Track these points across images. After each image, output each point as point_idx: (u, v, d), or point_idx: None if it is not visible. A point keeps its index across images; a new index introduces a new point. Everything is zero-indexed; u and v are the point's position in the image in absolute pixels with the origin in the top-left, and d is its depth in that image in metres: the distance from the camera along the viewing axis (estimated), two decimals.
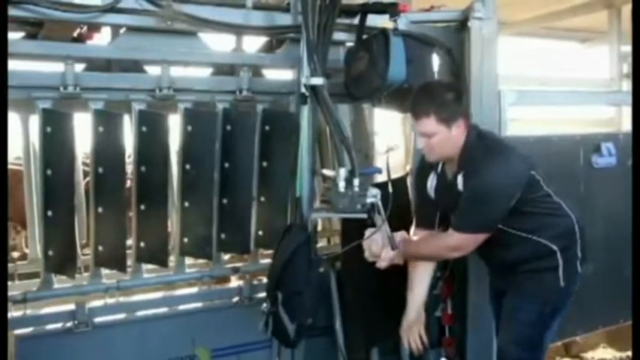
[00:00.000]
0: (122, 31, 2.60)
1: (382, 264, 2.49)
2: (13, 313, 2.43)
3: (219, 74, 2.89)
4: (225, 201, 2.70)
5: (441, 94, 2.36)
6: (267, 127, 2.73)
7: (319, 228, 3.48)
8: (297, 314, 2.40)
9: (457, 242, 2.37)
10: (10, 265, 2.71)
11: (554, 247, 2.46)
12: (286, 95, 2.81)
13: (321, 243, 3.49)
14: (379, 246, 2.46)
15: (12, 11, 2.18)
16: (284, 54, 2.86)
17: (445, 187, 2.48)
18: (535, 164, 2.44)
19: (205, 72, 2.98)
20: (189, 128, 2.61)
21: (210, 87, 2.71)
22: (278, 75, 3.12)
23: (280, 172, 2.71)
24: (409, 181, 3.11)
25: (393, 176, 2.63)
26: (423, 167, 2.59)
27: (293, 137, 2.58)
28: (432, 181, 2.55)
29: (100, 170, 2.48)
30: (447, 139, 2.33)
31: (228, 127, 2.67)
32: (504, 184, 2.30)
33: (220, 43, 2.97)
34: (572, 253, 2.52)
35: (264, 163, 2.75)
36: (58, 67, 2.45)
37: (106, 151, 2.49)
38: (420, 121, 2.33)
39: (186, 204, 2.63)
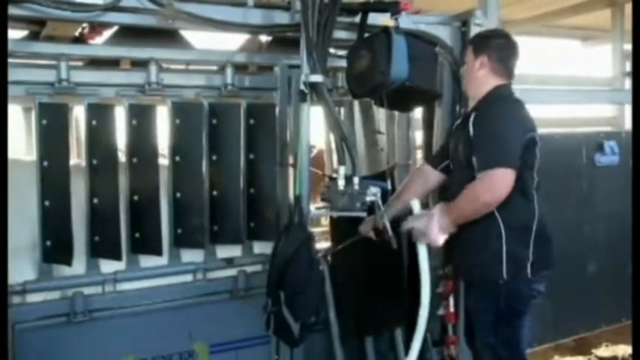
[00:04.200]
0: (113, 30, 2.65)
1: (434, 238, 2.44)
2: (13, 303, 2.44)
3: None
4: (215, 193, 2.76)
5: (489, 31, 2.72)
6: (251, 121, 2.80)
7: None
8: (300, 313, 2.39)
9: (487, 181, 2.32)
10: None
11: (503, 229, 2.40)
12: (270, 91, 2.86)
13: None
14: (423, 224, 2.44)
15: (13, 10, 2.20)
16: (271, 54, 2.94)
17: (461, 127, 2.58)
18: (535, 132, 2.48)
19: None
20: (177, 121, 2.68)
21: (196, 83, 2.79)
22: None
23: (266, 164, 2.80)
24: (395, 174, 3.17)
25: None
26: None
27: (274, 128, 2.69)
28: (459, 120, 2.72)
29: (95, 162, 2.54)
30: (470, 70, 2.56)
31: (214, 121, 2.74)
32: (512, 120, 2.42)
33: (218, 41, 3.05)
34: (521, 249, 2.44)
35: (251, 156, 2.80)
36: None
37: (100, 142, 2.55)
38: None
39: (178, 195, 2.69)
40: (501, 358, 2.54)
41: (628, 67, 4.74)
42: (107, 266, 2.65)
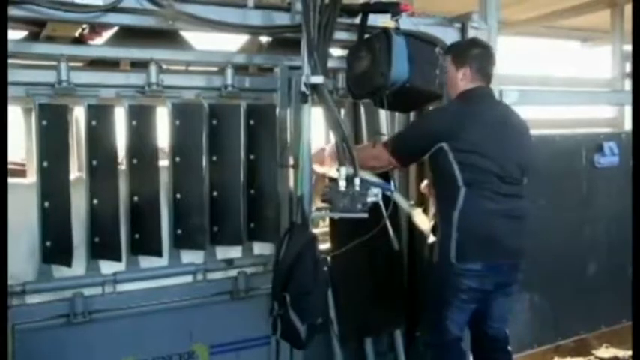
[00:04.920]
0: (113, 30, 2.65)
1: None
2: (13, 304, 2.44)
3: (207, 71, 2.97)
4: (215, 193, 2.76)
5: (468, 43, 2.88)
6: (251, 122, 2.81)
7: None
8: (307, 314, 2.39)
9: (379, 151, 2.66)
10: None
11: (440, 218, 2.64)
12: (270, 92, 2.86)
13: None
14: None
15: (13, 11, 2.19)
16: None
17: None
18: (459, 139, 2.53)
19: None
20: (177, 122, 2.68)
21: (197, 84, 2.79)
22: None
23: (266, 165, 2.81)
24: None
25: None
26: None
27: (275, 129, 2.73)
28: None
29: (94, 163, 2.54)
30: (451, 78, 2.72)
31: (215, 122, 2.75)
32: (431, 125, 2.68)
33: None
34: (446, 237, 2.57)
35: (251, 156, 2.81)
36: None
37: (100, 143, 2.55)
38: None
39: (178, 196, 2.69)
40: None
41: (628, 68, 4.75)
42: (107, 267, 2.64)
